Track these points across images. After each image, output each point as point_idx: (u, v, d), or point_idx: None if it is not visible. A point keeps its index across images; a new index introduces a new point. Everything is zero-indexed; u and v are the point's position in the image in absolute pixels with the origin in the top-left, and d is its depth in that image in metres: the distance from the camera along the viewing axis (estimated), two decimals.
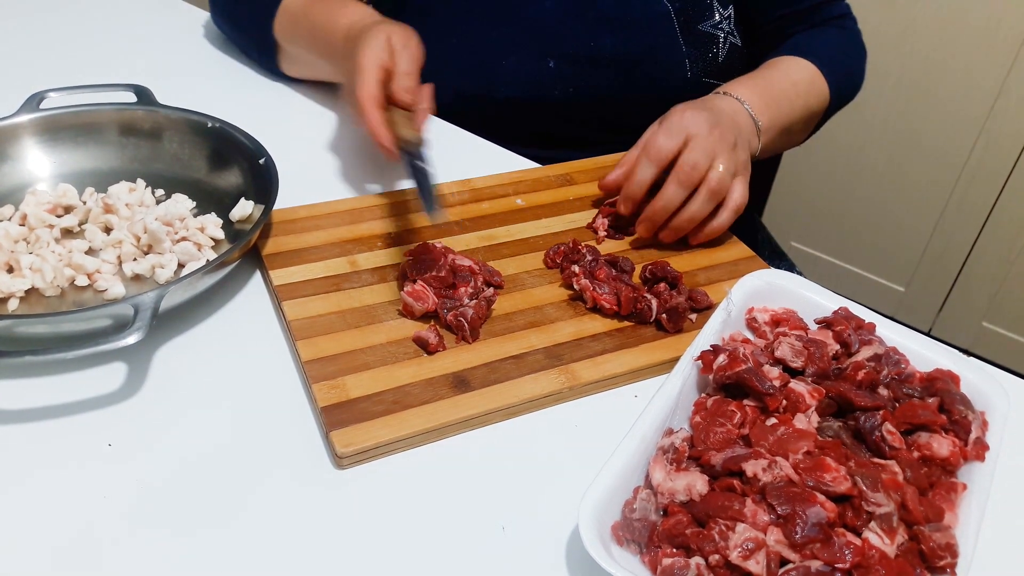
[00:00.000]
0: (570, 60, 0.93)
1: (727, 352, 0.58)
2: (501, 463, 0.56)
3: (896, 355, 0.61)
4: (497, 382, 0.60)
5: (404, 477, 0.54)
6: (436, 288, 0.65)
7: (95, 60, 1.02)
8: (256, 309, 0.67)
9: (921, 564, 0.47)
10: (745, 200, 0.76)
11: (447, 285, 0.65)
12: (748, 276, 0.67)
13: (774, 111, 0.86)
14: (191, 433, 0.56)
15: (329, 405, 0.56)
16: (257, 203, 0.73)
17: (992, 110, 1.78)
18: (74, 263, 0.66)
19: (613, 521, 0.49)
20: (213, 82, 0.99)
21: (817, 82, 0.92)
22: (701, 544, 0.47)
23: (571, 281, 0.68)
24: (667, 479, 0.51)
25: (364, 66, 0.74)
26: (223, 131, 0.78)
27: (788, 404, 0.55)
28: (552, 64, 0.93)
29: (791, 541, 0.46)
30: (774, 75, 0.90)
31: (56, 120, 0.77)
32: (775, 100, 0.86)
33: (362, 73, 0.74)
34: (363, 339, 0.62)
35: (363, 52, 0.75)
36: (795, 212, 2.16)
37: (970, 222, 1.93)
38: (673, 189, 0.74)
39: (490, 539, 0.51)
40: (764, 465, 0.50)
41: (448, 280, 0.65)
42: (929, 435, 0.54)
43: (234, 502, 0.52)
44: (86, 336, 0.57)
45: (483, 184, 0.83)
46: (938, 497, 0.51)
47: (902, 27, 1.80)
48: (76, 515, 0.50)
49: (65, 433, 0.55)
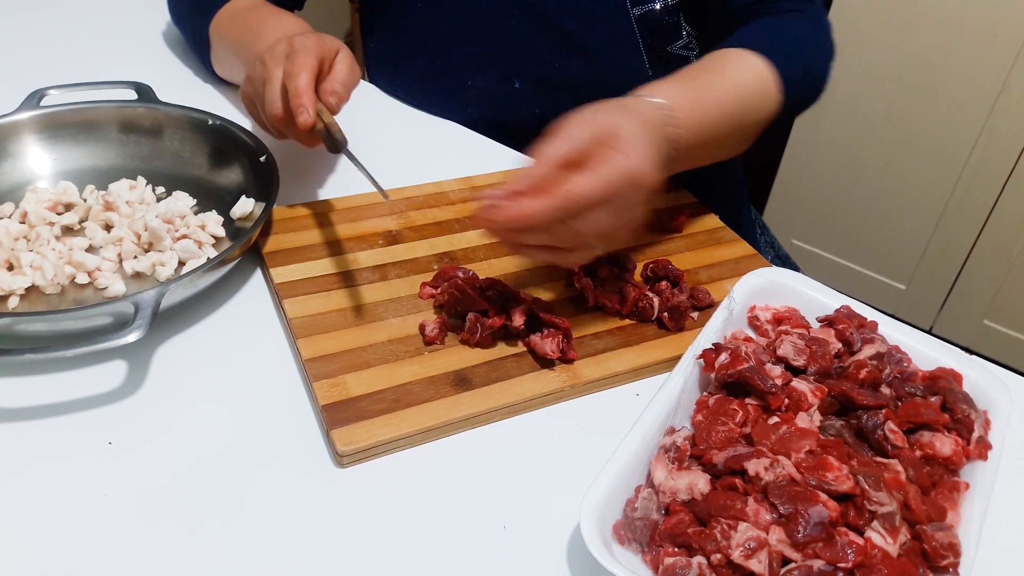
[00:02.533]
0: (536, 81, 0.91)
1: (729, 351, 0.57)
2: (502, 462, 0.56)
3: (898, 354, 0.61)
4: (498, 380, 0.60)
5: (405, 475, 0.54)
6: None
7: (96, 57, 1.02)
8: (257, 307, 0.67)
9: (924, 563, 0.47)
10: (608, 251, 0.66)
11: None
12: (750, 274, 0.67)
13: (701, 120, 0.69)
14: (191, 431, 0.56)
15: (330, 403, 0.56)
16: (258, 201, 0.73)
17: (993, 108, 1.78)
18: (75, 261, 0.66)
19: (615, 520, 0.49)
20: (214, 79, 0.99)
21: (766, 84, 0.75)
22: (703, 543, 0.47)
23: (572, 279, 0.68)
24: (669, 478, 0.51)
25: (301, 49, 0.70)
26: (224, 128, 0.77)
27: (790, 403, 0.55)
28: (518, 85, 0.91)
29: (793, 540, 0.46)
30: (711, 76, 0.74)
31: (57, 117, 0.77)
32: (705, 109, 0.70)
33: (300, 54, 0.69)
34: (364, 337, 0.62)
35: (304, 42, 0.71)
36: (796, 210, 2.16)
37: (971, 220, 1.92)
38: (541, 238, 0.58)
39: (492, 538, 0.51)
40: (766, 464, 0.50)
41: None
42: (932, 434, 0.54)
43: (234, 500, 0.52)
44: (86, 334, 0.57)
45: (484, 182, 0.83)
46: (941, 496, 0.51)
47: (903, 25, 1.80)
48: (76, 512, 0.50)
49: (66, 431, 0.55)
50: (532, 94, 0.92)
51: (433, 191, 0.80)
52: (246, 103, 0.77)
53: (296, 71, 0.68)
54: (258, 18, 0.87)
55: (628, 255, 0.72)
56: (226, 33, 0.91)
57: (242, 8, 0.91)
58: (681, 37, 0.91)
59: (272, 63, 0.71)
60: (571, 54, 0.90)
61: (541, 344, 0.61)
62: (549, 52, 0.90)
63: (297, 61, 0.69)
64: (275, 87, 0.70)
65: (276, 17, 0.87)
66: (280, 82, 0.69)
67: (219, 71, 0.96)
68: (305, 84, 0.68)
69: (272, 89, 0.70)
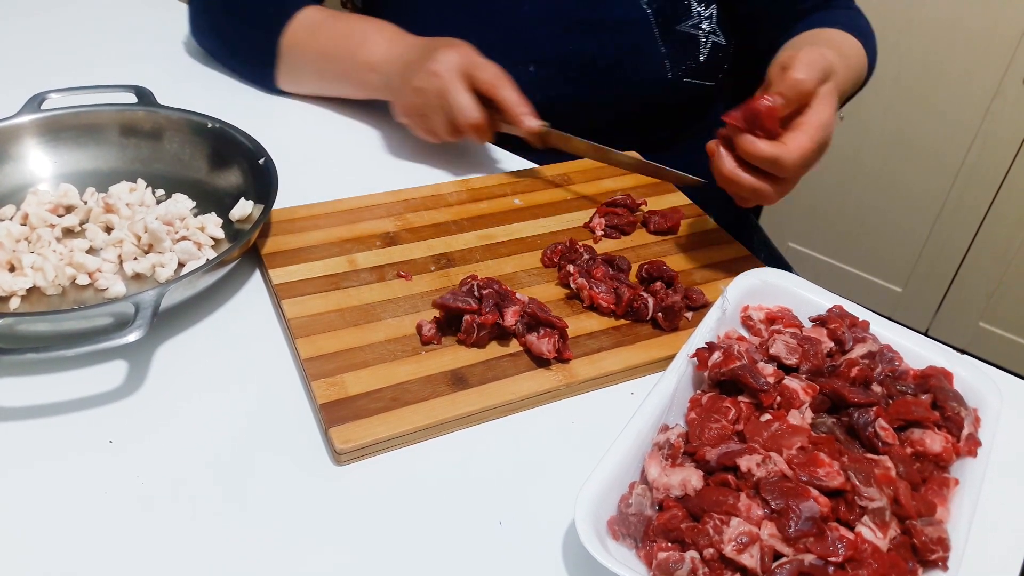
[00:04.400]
0: (549, 65, 0.93)
1: (722, 349, 0.58)
2: (499, 459, 0.57)
3: (890, 352, 0.62)
4: (495, 379, 0.60)
5: (402, 473, 0.55)
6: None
7: (96, 61, 1.03)
8: (256, 308, 0.67)
9: (913, 558, 0.48)
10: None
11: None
12: (744, 275, 0.67)
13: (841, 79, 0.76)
14: (191, 430, 0.56)
15: (328, 402, 0.57)
16: (257, 203, 0.73)
17: (988, 110, 1.79)
18: (75, 262, 0.66)
19: (609, 516, 0.49)
20: (213, 83, 1.00)
21: (862, 56, 0.90)
22: (696, 538, 0.47)
23: (568, 280, 0.69)
24: (662, 474, 0.51)
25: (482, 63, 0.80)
26: (223, 131, 0.78)
27: (782, 400, 0.56)
28: (532, 70, 0.93)
29: (785, 535, 0.47)
30: (836, 41, 0.88)
31: (57, 121, 0.78)
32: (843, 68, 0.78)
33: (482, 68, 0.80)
34: (362, 337, 0.63)
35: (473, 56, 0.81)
36: (792, 212, 2.16)
37: (967, 223, 1.93)
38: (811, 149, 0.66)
39: (487, 534, 0.52)
40: (758, 460, 0.50)
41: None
42: (922, 431, 0.54)
43: (234, 497, 0.52)
44: (87, 334, 0.58)
45: (481, 184, 0.84)
46: (930, 492, 0.51)
47: (899, 27, 1.81)
48: (77, 511, 0.50)
49: (66, 429, 0.56)
50: (547, 78, 0.93)
51: (431, 193, 0.81)
52: (409, 113, 0.84)
53: (496, 82, 0.79)
54: (351, 28, 0.89)
55: (623, 256, 0.73)
56: (310, 46, 0.91)
57: (318, 20, 0.91)
58: (691, 16, 0.93)
59: (448, 75, 0.79)
60: (584, 36, 0.92)
61: (537, 344, 0.62)
62: (562, 36, 0.92)
63: (489, 72, 0.80)
64: (465, 96, 0.79)
65: (374, 24, 0.89)
66: (468, 92, 0.79)
67: (288, 85, 0.95)
68: (515, 95, 0.79)
69: (463, 98, 0.79)
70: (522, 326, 0.63)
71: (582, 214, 0.81)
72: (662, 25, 0.93)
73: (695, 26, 0.94)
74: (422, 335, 0.63)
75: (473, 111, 0.80)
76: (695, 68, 0.97)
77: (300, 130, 0.92)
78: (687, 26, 0.93)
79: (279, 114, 0.95)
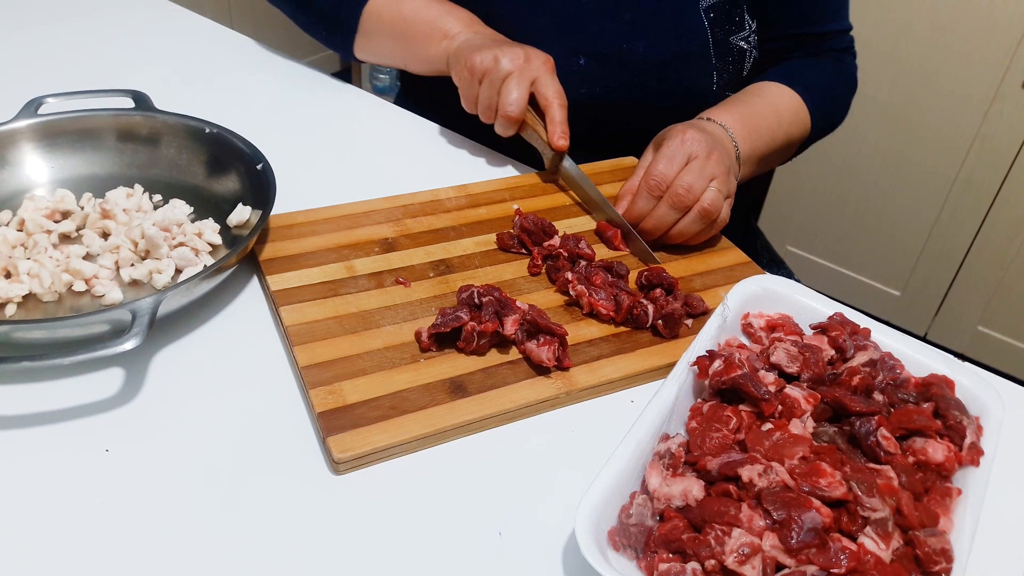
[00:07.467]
0: (600, 59, 0.92)
1: (723, 357, 0.58)
2: (498, 468, 0.56)
3: (891, 360, 0.61)
4: (494, 387, 0.60)
5: (401, 482, 0.55)
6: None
7: (93, 66, 1.03)
8: (253, 314, 0.67)
9: (916, 569, 0.47)
10: (727, 221, 0.78)
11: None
12: (744, 281, 0.67)
13: (755, 140, 0.86)
14: (188, 438, 0.56)
15: (326, 410, 0.57)
16: (254, 209, 0.73)
17: (986, 115, 1.79)
18: (72, 268, 0.66)
19: (609, 526, 0.49)
20: (211, 88, 1.00)
21: (800, 114, 0.93)
22: (697, 549, 0.47)
23: (567, 287, 0.69)
24: (663, 484, 0.51)
25: (537, 69, 0.84)
26: (221, 137, 0.78)
27: (784, 409, 0.56)
28: (582, 62, 0.92)
29: (787, 546, 0.46)
30: (758, 103, 0.90)
31: (54, 125, 0.77)
32: (757, 130, 0.87)
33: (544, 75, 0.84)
34: (360, 344, 0.62)
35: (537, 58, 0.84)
36: (791, 217, 2.16)
37: (966, 226, 1.93)
38: (665, 210, 0.75)
39: (487, 544, 0.51)
40: (760, 470, 0.50)
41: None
42: (924, 440, 0.54)
43: (231, 506, 0.52)
44: (84, 341, 0.57)
45: (480, 190, 0.83)
46: (933, 502, 0.51)
47: (897, 32, 1.81)
48: (73, 520, 0.50)
49: (63, 438, 0.55)
50: (595, 72, 0.93)
51: (429, 198, 0.81)
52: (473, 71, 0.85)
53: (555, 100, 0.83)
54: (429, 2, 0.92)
55: (622, 263, 0.72)
56: (392, 11, 0.93)
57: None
58: (744, 29, 0.94)
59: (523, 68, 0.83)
60: (638, 35, 0.92)
61: (537, 351, 0.61)
62: (616, 32, 0.92)
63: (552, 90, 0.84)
64: (521, 92, 0.82)
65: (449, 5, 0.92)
66: (526, 92, 0.83)
67: (363, 55, 0.98)
68: (565, 116, 0.83)
69: (518, 93, 0.82)
70: (522, 333, 0.62)
71: (580, 219, 0.81)
72: (717, 35, 0.93)
73: (745, 39, 0.94)
74: (421, 343, 0.62)
75: (517, 107, 0.83)
76: (737, 81, 0.97)
77: (298, 135, 0.92)
78: (739, 39, 0.94)
79: (277, 119, 0.95)
